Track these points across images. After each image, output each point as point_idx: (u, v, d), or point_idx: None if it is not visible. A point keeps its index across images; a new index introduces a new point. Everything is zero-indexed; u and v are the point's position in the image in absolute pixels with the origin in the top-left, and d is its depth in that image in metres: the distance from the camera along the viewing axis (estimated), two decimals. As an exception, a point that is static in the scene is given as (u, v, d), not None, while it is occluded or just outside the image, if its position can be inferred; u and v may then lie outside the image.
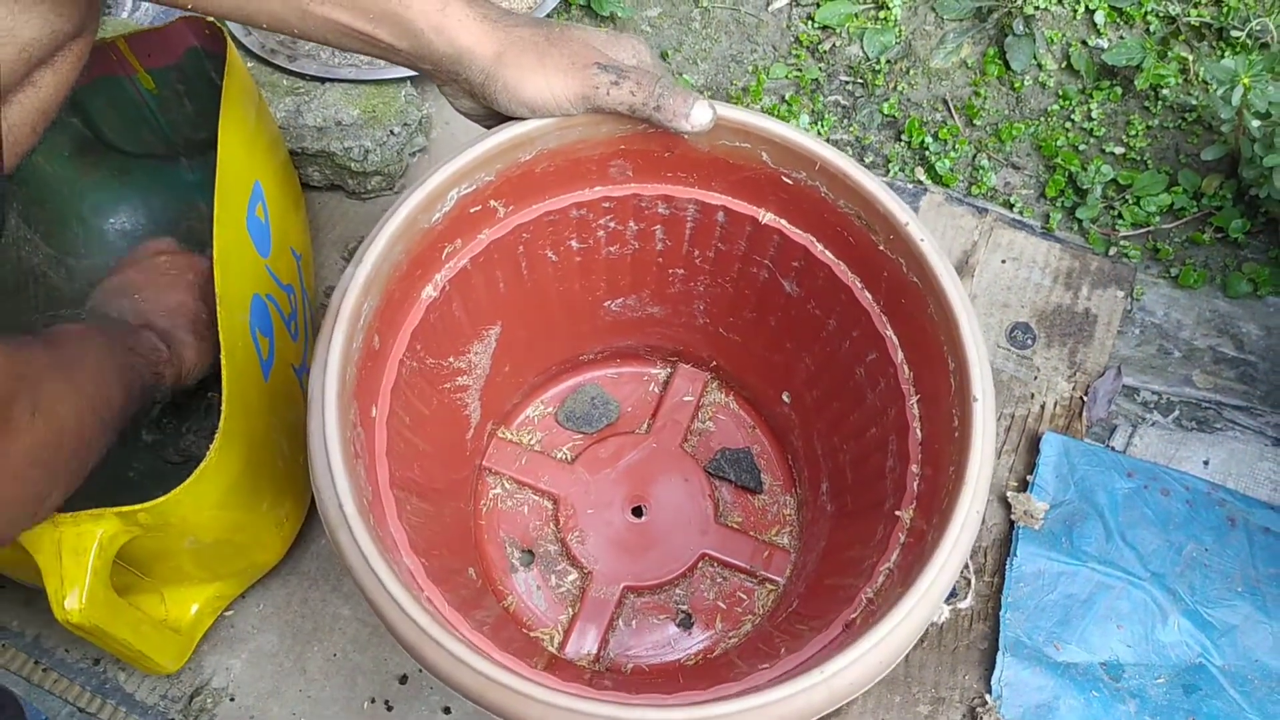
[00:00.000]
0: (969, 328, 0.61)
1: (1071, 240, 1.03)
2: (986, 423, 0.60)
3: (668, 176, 0.74)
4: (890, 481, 0.69)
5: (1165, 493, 0.90)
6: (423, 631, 0.55)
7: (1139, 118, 1.07)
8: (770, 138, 0.67)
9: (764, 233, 0.74)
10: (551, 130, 0.67)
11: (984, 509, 0.59)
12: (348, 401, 0.62)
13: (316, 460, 0.59)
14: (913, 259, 0.65)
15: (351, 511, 0.57)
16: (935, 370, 0.65)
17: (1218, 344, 0.98)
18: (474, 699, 0.55)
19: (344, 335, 0.61)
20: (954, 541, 0.57)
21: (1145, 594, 0.86)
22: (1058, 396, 0.96)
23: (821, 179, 0.68)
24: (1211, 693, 0.83)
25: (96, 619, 0.68)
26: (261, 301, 0.81)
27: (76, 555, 0.67)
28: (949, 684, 0.84)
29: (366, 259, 0.63)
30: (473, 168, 0.67)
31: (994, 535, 0.90)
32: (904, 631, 0.56)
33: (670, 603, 0.85)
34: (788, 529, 0.88)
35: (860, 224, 0.68)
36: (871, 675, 0.56)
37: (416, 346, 0.72)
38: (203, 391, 0.94)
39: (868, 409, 0.74)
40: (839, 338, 0.76)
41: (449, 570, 0.73)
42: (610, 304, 0.87)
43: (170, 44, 0.91)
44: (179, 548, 0.75)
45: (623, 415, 0.93)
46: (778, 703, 0.54)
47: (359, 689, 0.85)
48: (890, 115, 1.09)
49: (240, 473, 0.74)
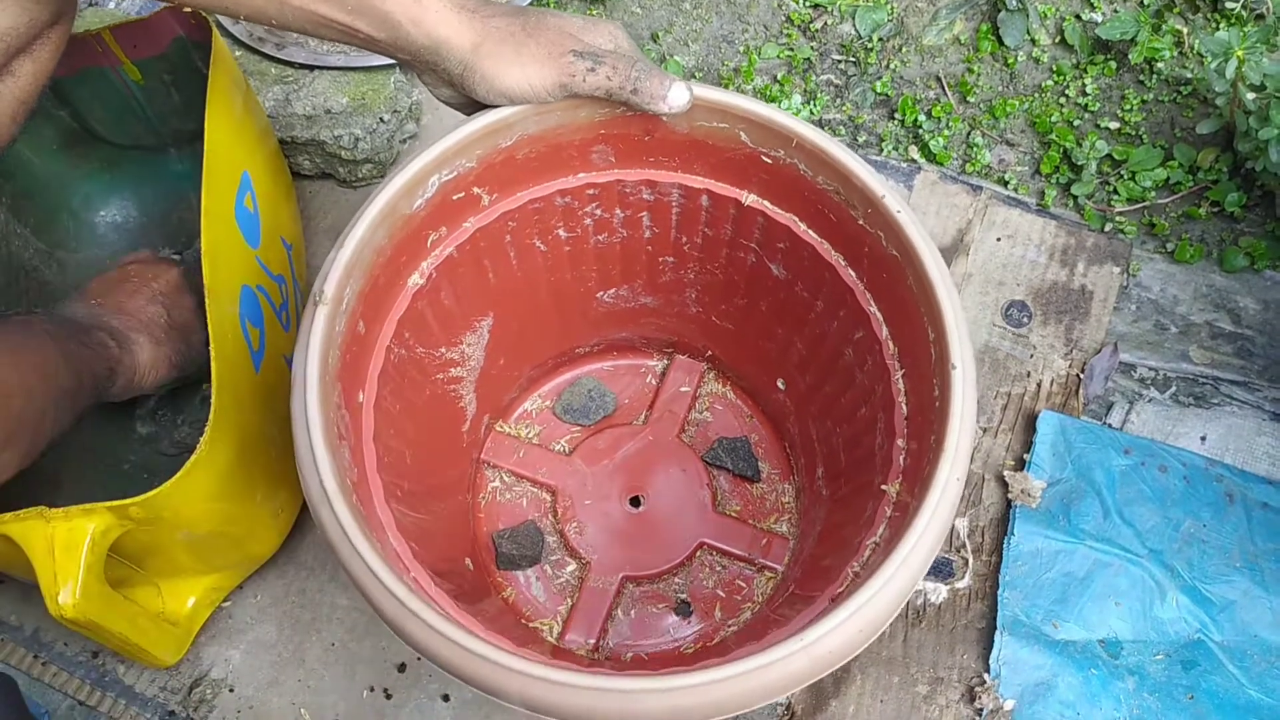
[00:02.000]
0: (947, 297, 0.62)
1: (1067, 217, 1.03)
2: (966, 390, 0.60)
3: (650, 161, 0.74)
4: (879, 459, 0.69)
5: (1163, 469, 0.90)
6: (400, 604, 0.55)
7: (1134, 92, 1.06)
8: (748, 116, 0.68)
9: (748, 215, 0.75)
10: (530, 115, 0.68)
11: (965, 476, 0.59)
12: (331, 383, 0.62)
13: (299, 439, 0.60)
14: (891, 231, 0.65)
15: (332, 488, 0.58)
16: (917, 342, 0.65)
17: (1214, 319, 0.98)
18: (454, 672, 0.55)
19: (326, 318, 0.62)
20: (933, 509, 0.57)
21: (1143, 571, 0.86)
22: (1054, 374, 0.95)
23: (799, 156, 0.68)
24: (1210, 668, 0.83)
25: (91, 613, 0.68)
26: (251, 292, 0.81)
27: (69, 550, 0.67)
28: (947, 664, 0.84)
29: (348, 243, 0.63)
30: (453, 154, 0.67)
31: (991, 514, 0.89)
32: (885, 599, 0.56)
33: (669, 592, 0.85)
34: (786, 517, 0.88)
35: (839, 199, 0.68)
36: (852, 642, 0.56)
37: (405, 334, 0.72)
38: (198, 384, 0.94)
39: (858, 389, 0.75)
40: (827, 319, 0.76)
41: (444, 559, 0.73)
42: (603, 295, 0.86)
43: (155, 34, 0.90)
44: (173, 540, 0.75)
45: (620, 407, 0.93)
46: (757, 670, 0.53)
47: (358, 678, 0.85)
48: (883, 94, 1.09)
49: (232, 464, 0.74)
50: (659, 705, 0.53)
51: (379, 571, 0.56)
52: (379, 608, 0.57)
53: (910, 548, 0.56)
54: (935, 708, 0.82)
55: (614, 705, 0.53)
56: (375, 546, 0.57)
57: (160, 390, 0.84)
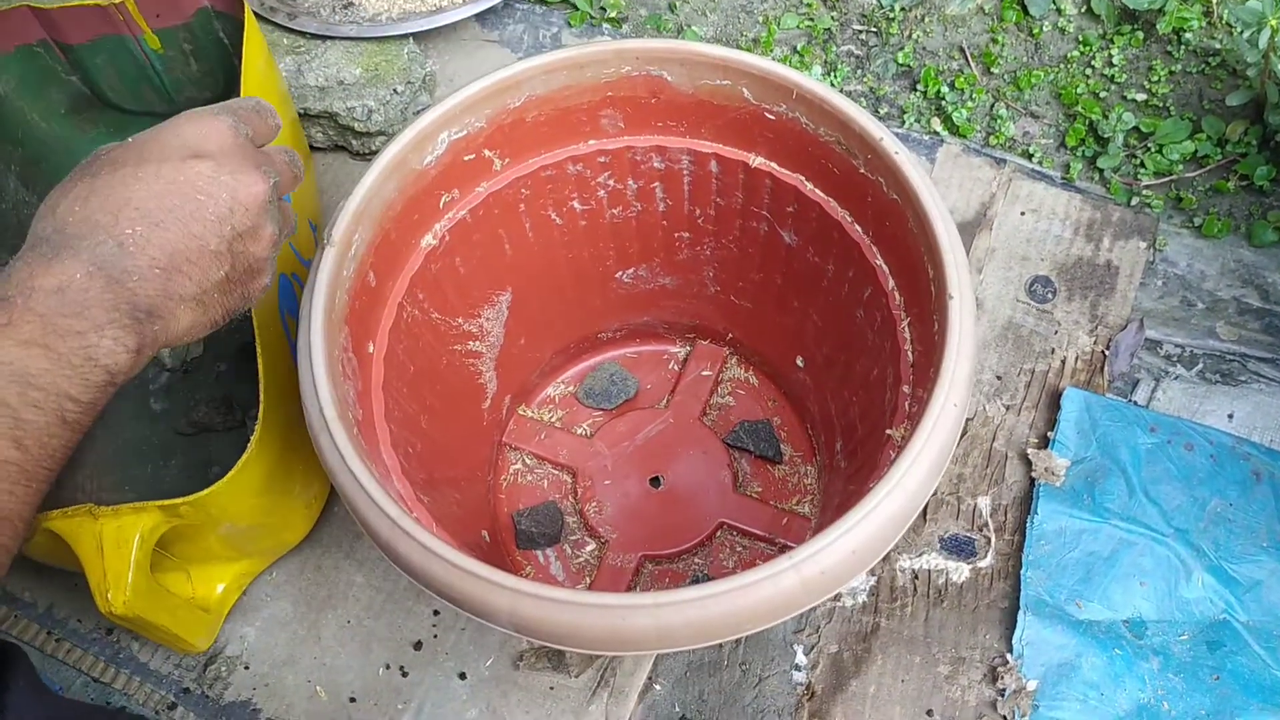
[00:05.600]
0: (944, 231, 0.62)
1: (1092, 190, 1.01)
2: (964, 321, 0.60)
3: (658, 126, 0.75)
4: (888, 410, 0.69)
5: (1189, 447, 0.88)
6: (394, 524, 0.56)
7: (1161, 63, 1.04)
8: (747, 69, 0.68)
9: (756, 178, 0.75)
10: (537, 74, 0.69)
11: (963, 404, 0.59)
12: (337, 325, 0.63)
13: (303, 373, 0.61)
14: (890, 175, 0.65)
15: (332, 416, 0.59)
16: (919, 284, 0.66)
17: (1242, 295, 0.96)
18: (445, 593, 0.55)
19: (333, 260, 0.63)
20: (928, 432, 0.57)
21: (1168, 550, 0.85)
22: (1079, 351, 0.94)
23: (801, 108, 0.69)
24: (1236, 649, 0.82)
25: (139, 610, 0.68)
26: (287, 281, 0.80)
27: (118, 548, 0.67)
28: (969, 644, 0.83)
29: (357, 192, 0.65)
30: (461, 110, 0.68)
31: (1014, 493, 0.88)
32: (877, 519, 0.55)
33: (688, 571, 0.84)
34: (808, 498, 0.87)
35: (841, 150, 0.69)
36: (843, 564, 0.55)
37: (418, 294, 0.73)
38: (213, 360, 0.94)
39: (870, 350, 0.74)
40: (839, 283, 0.76)
41: (455, 522, 0.73)
42: (622, 275, 0.86)
43: (181, 4, 0.89)
44: (213, 532, 0.75)
45: (642, 392, 0.93)
46: (745, 588, 0.53)
47: (374, 655, 0.84)
48: (905, 65, 1.07)
49: (277, 459, 0.74)
50: (647, 623, 0.53)
51: (371, 490, 0.57)
52: (372, 530, 0.57)
53: (905, 469, 0.56)
54: (957, 688, 0.81)
55: (602, 622, 0.53)
56: (371, 469, 0.58)
57: (182, 356, 0.83)
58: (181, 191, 0.53)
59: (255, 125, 0.59)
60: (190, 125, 0.56)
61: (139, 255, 0.52)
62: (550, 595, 0.53)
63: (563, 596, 0.53)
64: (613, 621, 0.53)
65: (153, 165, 0.53)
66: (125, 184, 0.53)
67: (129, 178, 0.53)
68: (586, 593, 0.54)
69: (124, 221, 0.52)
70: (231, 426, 0.90)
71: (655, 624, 0.53)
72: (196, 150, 0.55)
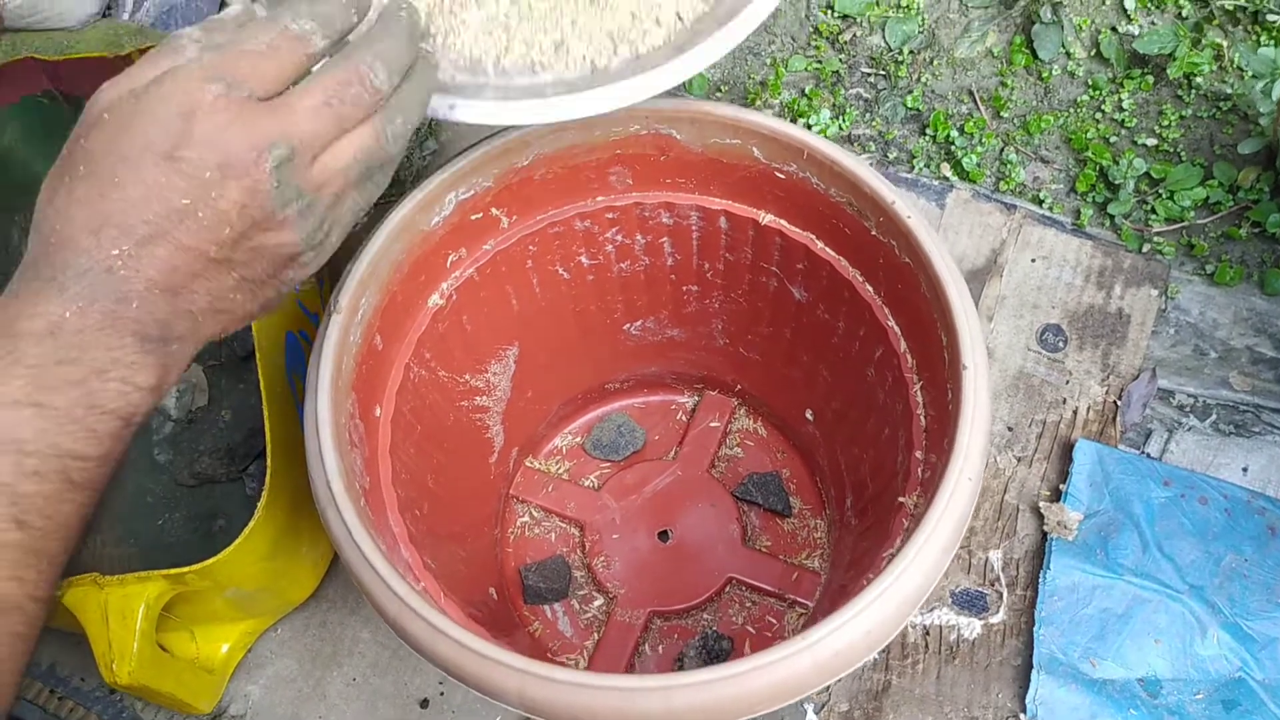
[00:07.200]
0: (958, 299, 0.61)
1: (1103, 237, 1.00)
2: (978, 390, 0.59)
3: (667, 183, 0.74)
4: (900, 475, 0.68)
5: (1203, 501, 0.88)
6: (402, 602, 0.55)
7: (1171, 107, 1.03)
8: (757, 129, 0.68)
9: (766, 235, 0.74)
10: (546, 133, 0.68)
11: (978, 478, 0.58)
12: (344, 391, 0.63)
13: (309, 444, 0.60)
14: (902, 238, 0.65)
15: (339, 489, 0.58)
16: (932, 350, 0.65)
17: (1255, 344, 0.95)
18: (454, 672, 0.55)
19: (340, 327, 0.63)
20: (944, 507, 0.56)
21: (1183, 607, 0.84)
22: (1090, 401, 0.93)
23: (811, 168, 0.68)
24: (1251, 707, 0.81)
25: (145, 679, 0.68)
26: (294, 339, 0.79)
27: (123, 618, 0.66)
28: (982, 702, 0.82)
29: (363, 256, 0.64)
30: (468, 171, 0.68)
31: (1026, 547, 0.87)
32: (892, 599, 0.54)
33: (697, 628, 0.84)
34: (818, 552, 0.86)
35: (853, 211, 0.68)
36: (857, 645, 0.54)
37: (425, 354, 0.72)
38: (217, 410, 0.93)
39: (882, 410, 0.74)
40: (849, 340, 0.75)
41: (462, 581, 0.73)
42: (630, 327, 0.85)
43: None
44: (219, 596, 0.74)
45: (649, 443, 0.92)
46: (757, 670, 0.52)
47: (380, 713, 0.83)
48: (914, 108, 1.06)
49: (285, 522, 0.74)
50: (658, 705, 0.52)
51: (379, 567, 0.56)
52: (379, 606, 0.57)
53: (919, 548, 0.55)
54: (970, 748, 0.80)
55: (611, 704, 0.52)
56: (378, 543, 0.57)
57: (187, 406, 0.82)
58: (163, 197, 0.46)
59: (261, 68, 0.49)
60: (171, 103, 0.47)
61: (134, 278, 0.46)
62: (560, 678, 0.53)
63: (572, 679, 0.53)
64: (622, 704, 0.52)
65: (130, 167, 0.46)
66: (103, 194, 0.46)
67: (106, 185, 0.46)
68: (596, 675, 0.53)
69: (106, 242, 0.46)
70: (235, 478, 0.89)
71: (666, 707, 0.52)
72: (178, 138, 0.46)
